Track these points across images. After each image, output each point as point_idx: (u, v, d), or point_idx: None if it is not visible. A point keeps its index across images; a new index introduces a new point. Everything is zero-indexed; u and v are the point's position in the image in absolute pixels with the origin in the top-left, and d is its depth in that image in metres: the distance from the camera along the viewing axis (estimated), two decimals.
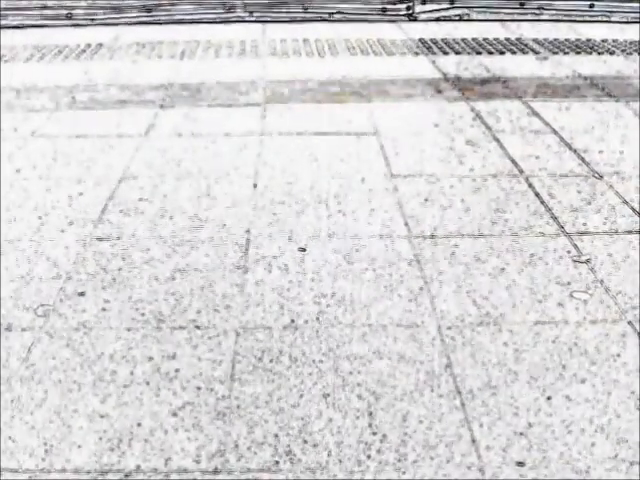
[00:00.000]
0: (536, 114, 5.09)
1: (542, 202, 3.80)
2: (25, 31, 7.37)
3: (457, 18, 7.92)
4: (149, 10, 7.75)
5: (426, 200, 3.81)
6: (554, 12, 7.92)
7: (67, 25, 7.56)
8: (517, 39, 7.10)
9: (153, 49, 6.74)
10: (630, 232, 3.50)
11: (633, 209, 3.71)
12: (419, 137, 4.61)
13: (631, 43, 6.95)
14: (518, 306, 2.95)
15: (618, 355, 2.66)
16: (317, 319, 2.86)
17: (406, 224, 3.57)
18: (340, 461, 2.20)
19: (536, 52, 6.66)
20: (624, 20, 7.80)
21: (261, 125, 4.86)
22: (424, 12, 7.94)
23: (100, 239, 3.44)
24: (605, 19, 7.86)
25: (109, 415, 2.38)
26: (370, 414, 2.38)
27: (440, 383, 2.52)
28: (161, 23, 7.74)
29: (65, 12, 7.61)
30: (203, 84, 5.69)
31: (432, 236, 3.47)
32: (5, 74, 5.95)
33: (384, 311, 2.91)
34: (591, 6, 7.90)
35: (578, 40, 7.08)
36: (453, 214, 3.67)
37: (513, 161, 4.29)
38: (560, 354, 2.67)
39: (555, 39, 7.10)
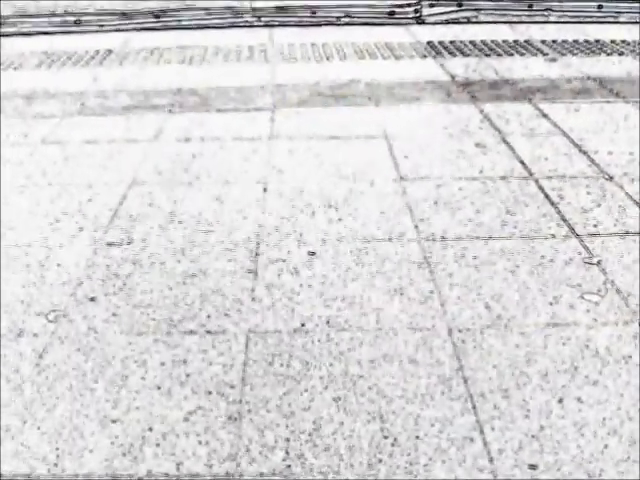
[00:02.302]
0: (545, 116, 5.08)
1: (552, 204, 3.79)
2: (34, 38, 7.41)
3: (465, 20, 7.92)
4: (157, 16, 7.78)
5: (435, 203, 3.81)
6: (562, 13, 7.91)
7: (76, 32, 7.59)
8: (525, 41, 7.09)
9: (161, 55, 6.76)
10: None
11: None
12: (428, 140, 4.61)
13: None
14: (529, 308, 2.94)
15: (630, 357, 2.65)
16: (327, 323, 2.85)
17: (416, 227, 3.57)
18: (352, 465, 2.20)
19: (545, 54, 6.65)
20: (632, 21, 7.78)
21: (270, 129, 4.86)
22: (432, 15, 7.94)
23: (111, 244, 3.45)
24: (613, 20, 7.84)
25: (120, 420, 2.38)
26: (381, 418, 2.38)
27: (451, 386, 2.52)
28: (169, 29, 7.76)
29: (74, 19, 7.65)
30: (212, 89, 5.70)
31: (442, 238, 3.47)
32: (15, 81, 5.97)
33: (394, 314, 2.91)
34: (599, 7, 7.88)
35: (587, 41, 7.06)
36: (463, 216, 3.66)
37: (522, 163, 4.28)
38: (572, 356, 2.66)
39: (564, 40, 7.09)
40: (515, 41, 7.09)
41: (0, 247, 3.42)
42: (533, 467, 2.19)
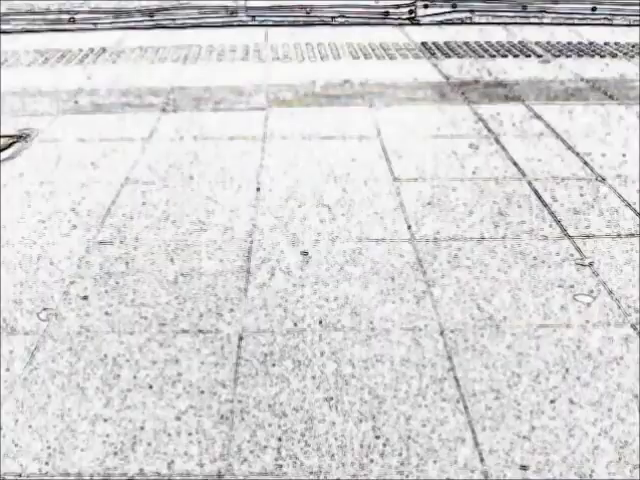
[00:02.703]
0: (539, 117, 5.09)
1: (545, 205, 3.80)
2: (28, 36, 7.39)
3: (459, 22, 7.93)
4: (151, 15, 7.76)
5: (429, 203, 3.81)
6: (556, 15, 7.93)
7: (70, 30, 7.57)
8: (519, 42, 7.10)
9: (156, 53, 6.75)
10: (633, 235, 3.50)
11: (635, 212, 3.71)
12: (421, 140, 4.61)
13: (633, 46, 6.95)
14: (521, 309, 2.95)
15: (621, 358, 2.66)
16: (320, 323, 2.85)
17: (409, 227, 3.57)
18: (343, 465, 2.20)
19: (538, 55, 6.66)
20: (626, 23, 7.80)
21: (264, 129, 4.86)
22: (426, 16, 7.95)
23: (103, 243, 3.45)
24: (607, 22, 7.86)
25: (112, 419, 2.38)
26: (373, 417, 2.38)
27: (443, 387, 2.52)
28: (164, 28, 7.75)
29: (68, 17, 7.63)
30: (206, 88, 5.69)
31: (435, 239, 3.47)
32: (8, 79, 5.96)
33: (387, 315, 2.91)
34: (593, 9, 7.90)
35: (580, 43, 7.08)
36: (456, 217, 3.67)
37: (516, 164, 4.29)
38: (563, 357, 2.66)
39: (557, 42, 7.10)
40: (509, 42, 7.10)
41: None
42: (524, 468, 2.19)
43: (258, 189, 3.98)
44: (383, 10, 7.92)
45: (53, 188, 3.99)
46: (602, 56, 6.61)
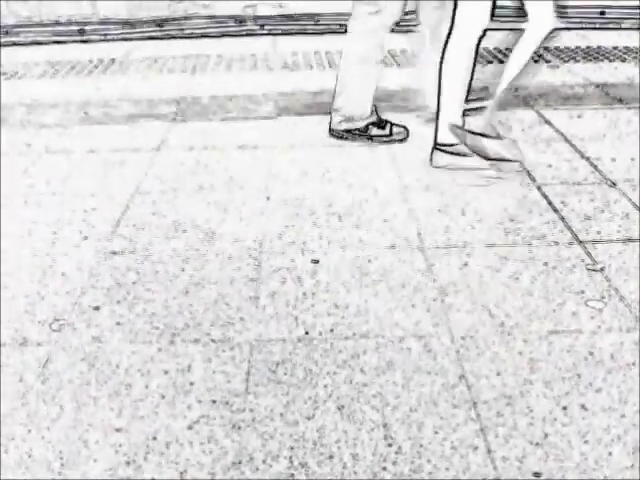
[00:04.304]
0: (548, 122, 5.08)
1: (555, 210, 3.79)
2: (38, 47, 7.44)
3: None
4: (160, 25, 7.80)
5: (439, 210, 3.81)
6: (564, 20, 7.91)
7: (79, 41, 7.62)
8: None
9: (165, 64, 6.78)
10: None
11: None
12: (430, 148, 4.61)
13: None
14: (532, 315, 2.94)
15: (633, 364, 2.65)
16: (331, 331, 2.86)
17: (419, 234, 3.57)
18: (355, 473, 2.20)
19: (547, 60, 6.65)
20: (635, 27, 7.78)
21: (273, 138, 4.87)
22: None
23: (114, 253, 3.46)
24: (616, 26, 7.84)
25: (124, 429, 2.39)
26: (385, 426, 2.38)
27: (455, 394, 2.51)
28: (172, 38, 7.79)
29: (77, 28, 7.68)
30: (215, 98, 5.71)
31: (445, 246, 3.47)
32: (18, 90, 5.99)
33: (398, 322, 2.91)
34: (602, 13, 7.88)
35: (589, 47, 7.07)
36: (466, 223, 3.67)
37: (525, 169, 4.28)
38: (575, 363, 2.65)
39: (566, 47, 7.09)
40: None
41: (2, 256, 3.43)
42: (537, 475, 2.18)
43: (268, 198, 3.99)
44: None
45: (63, 199, 4.01)
46: (611, 60, 6.60)
